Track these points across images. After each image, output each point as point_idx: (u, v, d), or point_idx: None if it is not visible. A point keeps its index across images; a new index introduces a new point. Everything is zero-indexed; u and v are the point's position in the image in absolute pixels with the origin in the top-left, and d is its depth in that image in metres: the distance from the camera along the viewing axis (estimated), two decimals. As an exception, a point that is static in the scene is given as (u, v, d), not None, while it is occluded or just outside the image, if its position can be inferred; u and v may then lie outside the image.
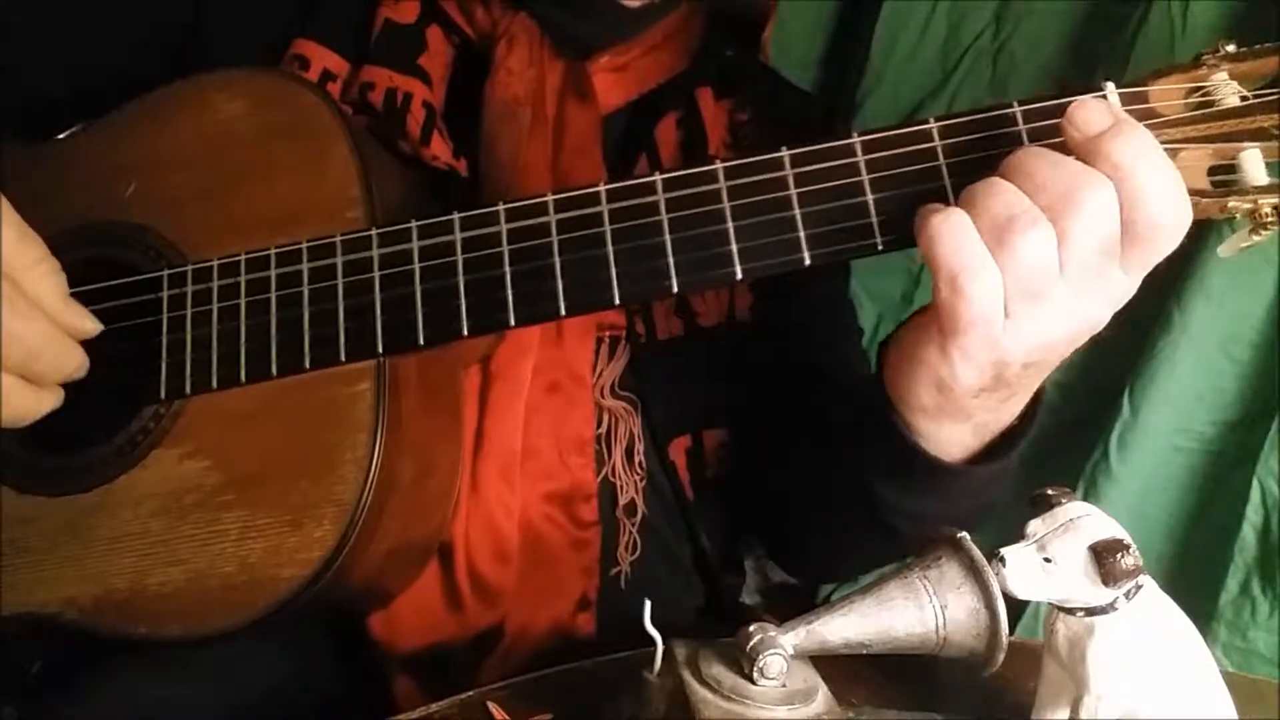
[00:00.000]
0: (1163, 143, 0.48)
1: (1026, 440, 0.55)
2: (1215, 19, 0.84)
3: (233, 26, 0.72)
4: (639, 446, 0.72)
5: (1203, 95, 0.50)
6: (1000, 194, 0.46)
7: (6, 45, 0.70)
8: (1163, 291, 0.90)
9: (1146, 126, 0.47)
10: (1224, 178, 0.50)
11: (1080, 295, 0.47)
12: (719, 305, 0.74)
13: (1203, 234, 0.87)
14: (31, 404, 0.54)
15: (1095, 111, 0.46)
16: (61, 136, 0.67)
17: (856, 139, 0.52)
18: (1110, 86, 0.50)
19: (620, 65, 0.74)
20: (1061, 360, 0.51)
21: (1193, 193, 0.48)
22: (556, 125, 0.71)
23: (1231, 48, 0.51)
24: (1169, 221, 0.45)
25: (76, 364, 0.56)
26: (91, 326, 0.56)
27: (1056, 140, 0.48)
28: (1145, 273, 0.48)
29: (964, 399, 0.50)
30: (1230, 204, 0.49)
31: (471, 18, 0.73)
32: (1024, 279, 0.45)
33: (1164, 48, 0.86)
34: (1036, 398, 0.55)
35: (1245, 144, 0.49)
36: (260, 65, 0.66)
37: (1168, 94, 0.51)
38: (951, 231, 0.45)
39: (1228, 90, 0.50)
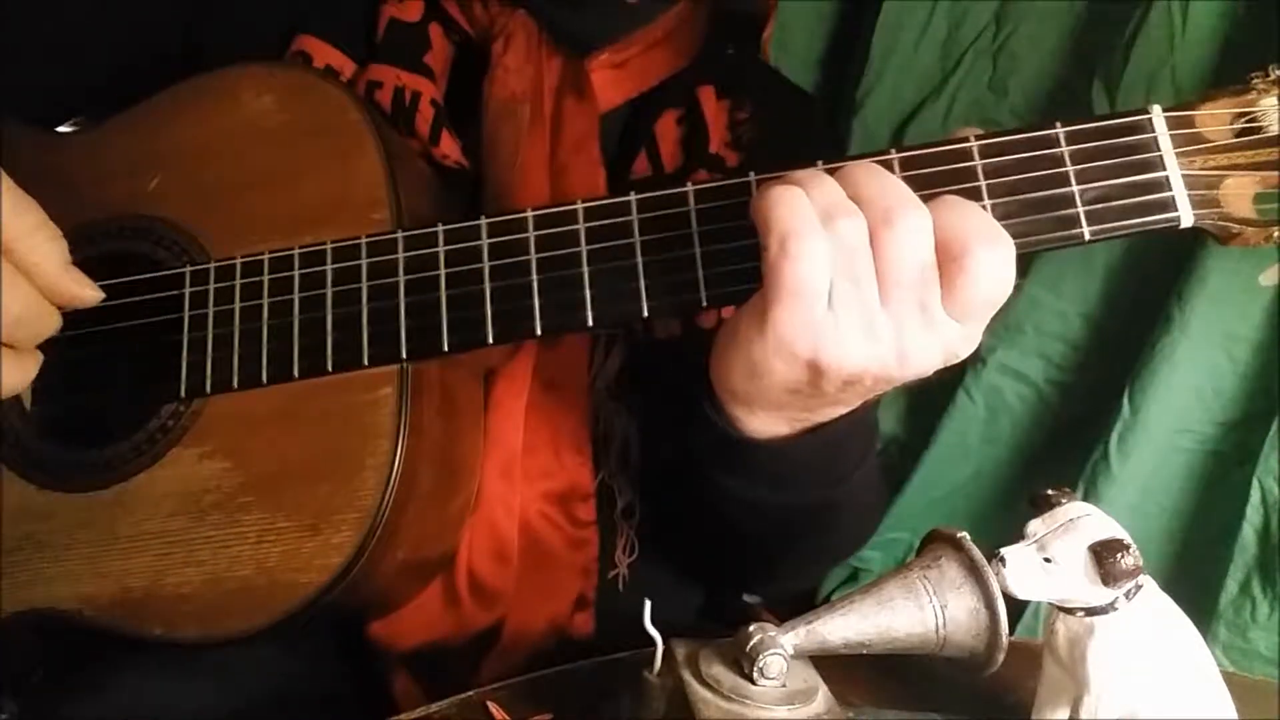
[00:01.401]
0: (1209, 169, 0.48)
1: (844, 423, 0.55)
2: (1215, 19, 0.84)
3: (231, 21, 0.72)
4: (636, 448, 0.72)
5: (1249, 120, 0.50)
6: (829, 189, 0.47)
7: (3, 33, 0.70)
8: (1163, 291, 0.90)
9: (1193, 151, 0.48)
10: (1271, 205, 0.50)
11: (906, 326, 0.47)
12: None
13: (1202, 235, 0.87)
14: (18, 374, 0.54)
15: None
16: (70, 129, 0.66)
17: (894, 155, 0.51)
18: (1157, 109, 0.50)
19: (619, 62, 0.74)
20: (882, 394, 0.51)
21: (1238, 221, 0.49)
22: (554, 123, 0.71)
23: None
24: (981, 257, 0.45)
25: (54, 328, 0.55)
26: (91, 295, 0.55)
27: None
28: (976, 322, 0.48)
29: (776, 392, 0.50)
30: (1276, 234, 0.49)
31: (470, 15, 0.72)
32: (847, 260, 0.46)
33: (1164, 48, 0.86)
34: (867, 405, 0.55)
35: None
36: (289, 62, 0.65)
37: (1215, 119, 0.50)
38: (792, 198, 0.46)
39: (1276, 116, 0.50)
